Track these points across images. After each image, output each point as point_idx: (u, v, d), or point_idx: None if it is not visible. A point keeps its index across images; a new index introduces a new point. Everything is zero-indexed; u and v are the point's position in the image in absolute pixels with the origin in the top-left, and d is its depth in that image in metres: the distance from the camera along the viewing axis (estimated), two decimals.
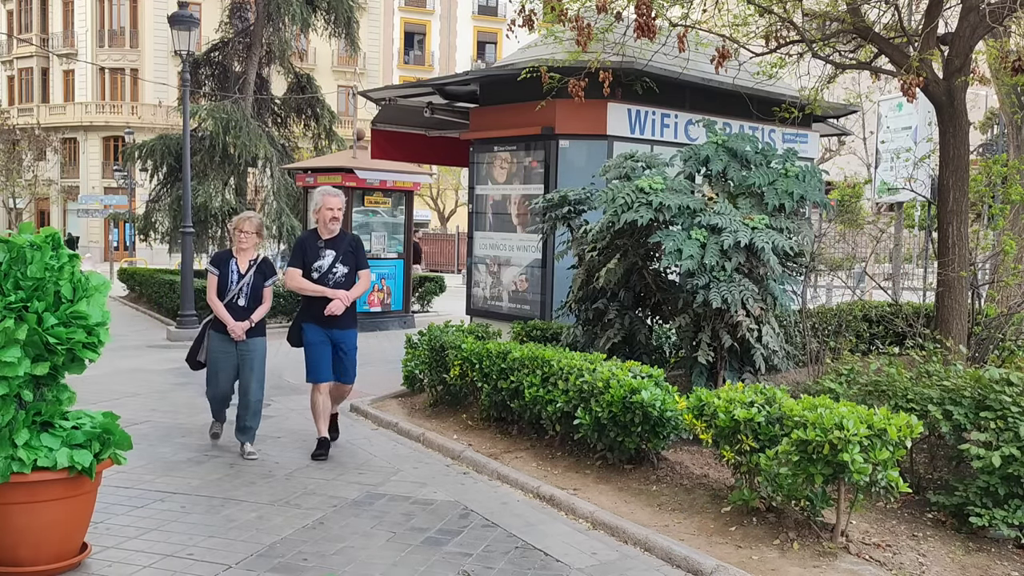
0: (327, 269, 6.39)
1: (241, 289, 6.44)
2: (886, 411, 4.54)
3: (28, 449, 4.03)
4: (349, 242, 6.50)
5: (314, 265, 6.37)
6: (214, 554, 4.47)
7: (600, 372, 5.76)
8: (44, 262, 4.15)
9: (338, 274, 6.39)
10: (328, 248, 6.41)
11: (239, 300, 6.43)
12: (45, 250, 4.15)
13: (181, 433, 7.14)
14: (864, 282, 10.76)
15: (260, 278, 6.52)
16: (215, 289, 6.44)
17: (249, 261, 6.54)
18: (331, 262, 6.39)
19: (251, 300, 6.46)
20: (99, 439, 4.26)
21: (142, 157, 17.90)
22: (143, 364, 10.71)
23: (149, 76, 40.08)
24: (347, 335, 6.49)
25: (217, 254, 6.65)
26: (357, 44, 19.09)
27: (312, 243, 6.44)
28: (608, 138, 9.02)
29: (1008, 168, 8.43)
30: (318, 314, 6.36)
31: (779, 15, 7.96)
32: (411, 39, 49.59)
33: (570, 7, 7.72)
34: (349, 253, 6.44)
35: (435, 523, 5.01)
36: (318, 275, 6.36)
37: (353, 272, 6.47)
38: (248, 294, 6.45)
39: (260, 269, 6.53)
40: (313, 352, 6.40)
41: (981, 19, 6.96)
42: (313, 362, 6.41)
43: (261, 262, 6.57)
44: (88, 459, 4.10)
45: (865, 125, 21.37)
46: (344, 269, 6.41)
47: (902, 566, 4.42)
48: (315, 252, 6.41)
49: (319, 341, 6.40)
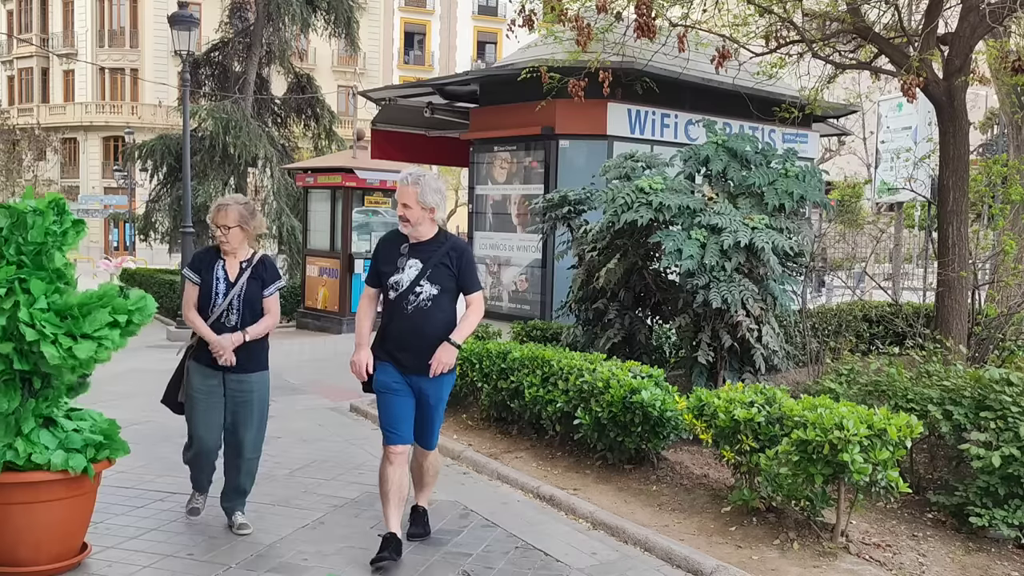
0: (406, 288, 4.37)
1: (231, 303, 4.65)
2: (886, 411, 4.54)
3: (26, 441, 4.01)
4: (448, 250, 4.42)
5: (391, 280, 4.41)
6: (214, 554, 4.47)
7: (600, 372, 5.76)
8: (45, 227, 4.02)
9: (422, 296, 4.36)
10: (413, 256, 4.43)
11: (229, 318, 4.66)
12: (47, 215, 4.04)
13: (181, 433, 7.09)
14: (864, 282, 10.76)
15: (256, 286, 4.72)
16: (194, 302, 4.70)
17: (240, 264, 4.73)
18: (414, 277, 4.38)
19: (245, 317, 4.67)
20: (97, 445, 4.23)
21: (142, 157, 17.91)
22: (143, 364, 10.70)
23: (149, 76, 40.10)
24: (436, 385, 4.44)
25: (196, 254, 4.83)
26: (357, 44, 19.09)
27: (391, 247, 4.50)
28: (608, 138, 9.04)
29: (1008, 168, 8.43)
30: (394, 347, 4.43)
31: (779, 15, 7.96)
32: (411, 39, 49.60)
33: (570, 7, 7.73)
34: (443, 267, 4.40)
35: (435, 523, 5.01)
36: (395, 294, 4.39)
37: (448, 295, 4.43)
38: (241, 309, 4.66)
39: (256, 274, 4.72)
40: (385, 401, 4.46)
41: (981, 19, 6.96)
42: (384, 414, 4.48)
43: (257, 264, 4.75)
44: (82, 464, 4.09)
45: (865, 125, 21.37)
46: (432, 290, 4.36)
47: (902, 566, 4.42)
48: (392, 261, 4.45)
49: (395, 387, 4.43)
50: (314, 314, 14.32)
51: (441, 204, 4.37)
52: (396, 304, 4.38)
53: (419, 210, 4.35)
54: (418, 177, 4.37)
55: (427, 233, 4.43)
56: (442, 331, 4.36)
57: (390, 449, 4.42)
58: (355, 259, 13.73)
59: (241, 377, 4.74)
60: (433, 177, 4.43)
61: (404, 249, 4.43)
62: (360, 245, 13.94)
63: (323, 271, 14.26)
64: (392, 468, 4.41)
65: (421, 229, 4.41)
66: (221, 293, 4.67)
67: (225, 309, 4.66)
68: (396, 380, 4.43)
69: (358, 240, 13.94)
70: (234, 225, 4.66)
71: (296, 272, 16.59)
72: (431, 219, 4.41)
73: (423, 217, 4.37)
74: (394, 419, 4.43)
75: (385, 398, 4.45)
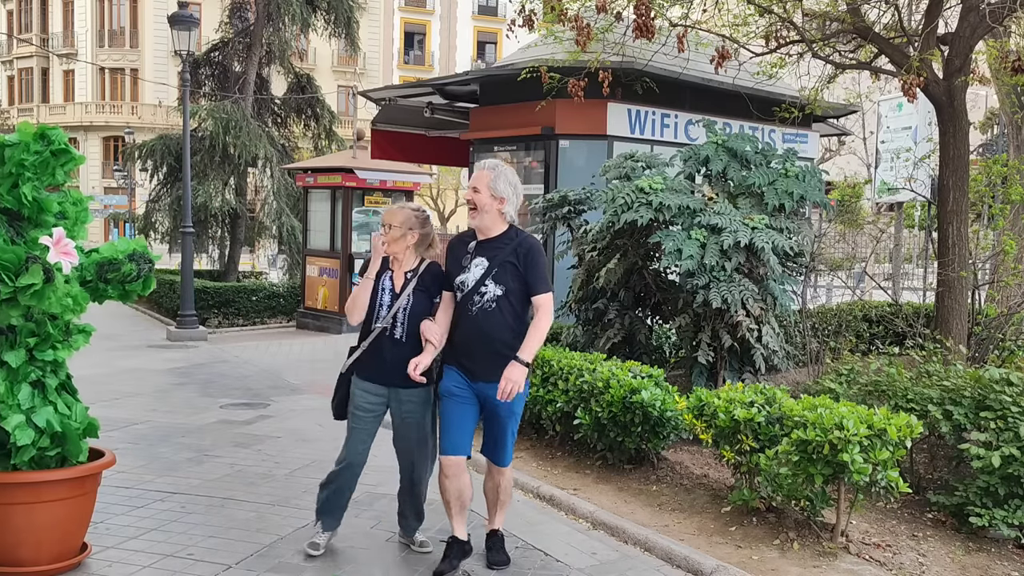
0: (471, 288, 4.08)
1: (396, 316, 4.21)
2: (886, 411, 4.54)
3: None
4: (515, 247, 4.08)
5: (457, 280, 4.14)
6: (214, 554, 4.47)
7: (600, 372, 5.76)
8: (19, 158, 3.88)
9: (487, 296, 4.06)
10: (479, 255, 4.14)
11: (394, 332, 4.21)
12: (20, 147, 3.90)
13: (181, 433, 7.13)
14: (864, 282, 10.76)
15: (424, 299, 4.25)
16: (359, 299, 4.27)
17: (405, 274, 4.30)
18: (479, 277, 4.08)
19: (411, 332, 4.21)
20: (52, 437, 4.06)
21: (142, 157, 17.90)
22: (143, 364, 10.71)
23: (149, 76, 40.10)
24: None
25: (366, 262, 4.41)
26: (357, 44, 19.08)
27: (460, 245, 4.24)
28: (608, 138, 9.04)
29: (1008, 168, 8.43)
30: (460, 352, 4.15)
31: (779, 15, 7.96)
32: (411, 39, 49.60)
33: (570, 7, 7.74)
34: (509, 266, 4.07)
35: (435, 523, 5.01)
36: (460, 295, 4.13)
37: (516, 297, 4.09)
38: (406, 324, 4.21)
39: (422, 284, 4.26)
40: (442, 407, 4.22)
41: (981, 19, 6.96)
42: (440, 422, 4.25)
43: (423, 273, 4.29)
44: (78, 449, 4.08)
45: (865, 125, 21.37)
46: (497, 290, 4.06)
47: (902, 566, 4.42)
48: (459, 260, 4.18)
49: (456, 392, 4.15)
50: (314, 314, 14.33)
51: (513, 198, 4.09)
52: (461, 306, 4.12)
53: (488, 197, 4.08)
54: (496, 165, 4.15)
55: (495, 228, 4.13)
56: (508, 337, 4.04)
57: (442, 460, 4.16)
58: (355, 259, 13.73)
59: (411, 393, 4.25)
60: (511, 170, 4.18)
61: (471, 247, 4.15)
62: (360, 245, 13.95)
63: (323, 271, 14.26)
64: (448, 480, 4.15)
65: (487, 222, 4.10)
66: (385, 304, 4.25)
67: (390, 323, 4.22)
68: (459, 385, 4.15)
69: (358, 240, 13.94)
70: (398, 225, 4.26)
71: (296, 272, 16.59)
72: (500, 212, 4.11)
73: (491, 206, 4.08)
74: (448, 426, 4.15)
75: (443, 403, 4.20)
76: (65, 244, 3.95)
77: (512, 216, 4.13)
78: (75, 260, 4.01)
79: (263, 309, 15.10)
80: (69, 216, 4.12)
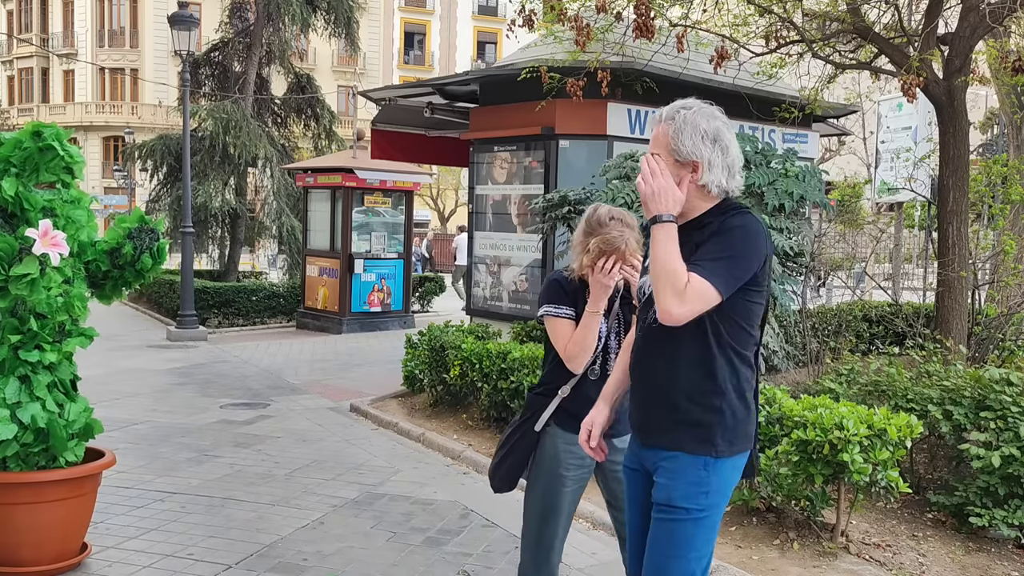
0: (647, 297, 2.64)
1: (607, 343, 3.23)
2: (886, 411, 4.54)
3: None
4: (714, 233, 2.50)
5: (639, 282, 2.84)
6: (214, 554, 4.47)
7: None
8: (5, 155, 3.90)
9: None
10: None
11: (606, 367, 3.22)
12: (10, 143, 3.93)
13: (181, 433, 7.13)
14: (864, 282, 10.76)
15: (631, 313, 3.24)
16: (568, 340, 3.17)
17: None
18: None
19: None
20: (37, 433, 4.04)
21: (142, 157, 17.90)
22: (143, 364, 10.71)
23: (149, 76, 40.10)
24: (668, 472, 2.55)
25: (555, 281, 3.30)
26: (357, 44, 19.08)
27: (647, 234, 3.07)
28: (608, 138, 9.03)
29: (1008, 168, 8.43)
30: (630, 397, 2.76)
31: (779, 15, 7.96)
32: (411, 39, 49.60)
33: (570, 7, 7.73)
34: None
35: (435, 523, 5.01)
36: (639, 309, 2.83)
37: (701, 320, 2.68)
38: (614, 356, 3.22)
39: (627, 303, 3.25)
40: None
41: (981, 19, 6.96)
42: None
43: (626, 292, 3.25)
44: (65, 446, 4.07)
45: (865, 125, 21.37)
46: None
47: (902, 566, 4.42)
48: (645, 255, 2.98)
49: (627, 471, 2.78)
50: (314, 314, 14.33)
51: (715, 156, 2.51)
52: (637, 325, 2.77)
53: (672, 163, 2.52)
54: (675, 113, 2.56)
55: (693, 208, 2.54)
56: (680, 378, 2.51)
57: None
58: (355, 259, 13.74)
59: (622, 440, 3.12)
60: (707, 111, 2.56)
61: None
62: (360, 245, 13.96)
63: (323, 271, 14.26)
64: None
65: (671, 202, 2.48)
66: (602, 331, 3.21)
67: (597, 355, 3.21)
68: (630, 459, 2.75)
69: (358, 240, 13.95)
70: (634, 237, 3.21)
71: (296, 272, 16.59)
72: (694, 182, 2.51)
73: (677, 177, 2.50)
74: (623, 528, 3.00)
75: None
76: (53, 236, 3.93)
77: (721, 183, 2.53)
78: (64, 251, 3.97)
79: (263, 309, 15.10)
80: (59, 213, 4.10)
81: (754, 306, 2.53)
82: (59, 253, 3.95)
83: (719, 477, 2.50)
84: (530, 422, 3.24)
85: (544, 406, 3.22)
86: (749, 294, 2.49)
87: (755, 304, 2.53)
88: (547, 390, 3.26)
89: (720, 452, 2.49)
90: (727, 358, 2.49)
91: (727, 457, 2.50)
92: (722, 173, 2.53)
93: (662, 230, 2.41)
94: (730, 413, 2.49)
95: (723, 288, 2.39)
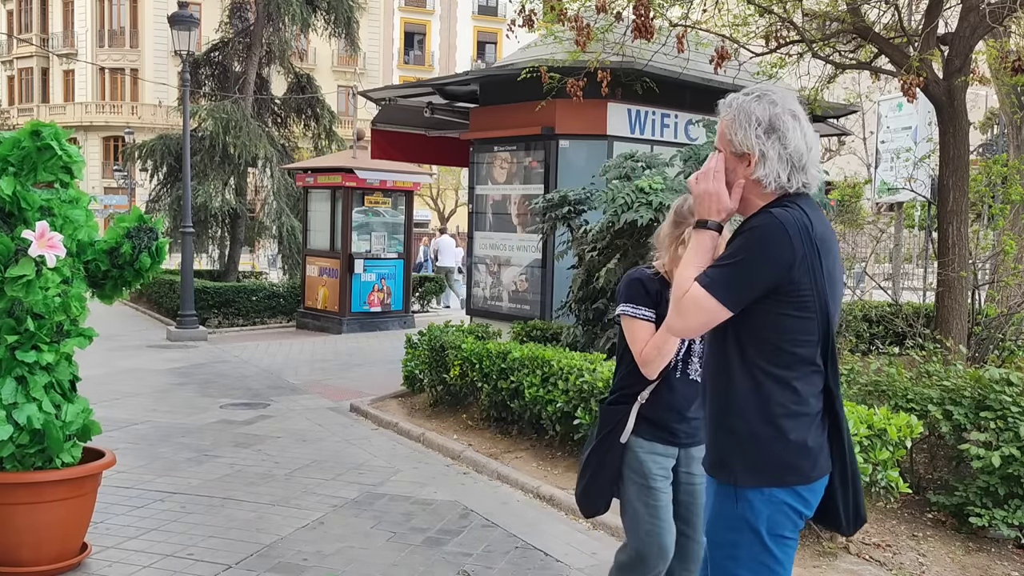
0: None
1: (691, 345, 3.05)
2: (886, 411, 4.54)
3: None
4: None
5: None
6: (214, 554, 4.47)
7: (600, 372, 5.76)
8: (3, 154, 3.90)
9: None
10: None
11: (687, 370, 3.06)
12: (9, 143, 3.94)
13: (181, 433, 7.13)
14: (864, 282, 10.75)
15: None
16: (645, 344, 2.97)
17: None
18: None
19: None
20: (33, 434, 4.03)
21: (142, 157, 17.90)
22: (143, 364, 10.71)
23: (149, 76, 40.10)
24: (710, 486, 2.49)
25: (637, 279, 3.08)
26: (357, 44, 19.08)
27: None
28: (608, 138, 9.03)
29: (1008, 168, 8.42)
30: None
31: (779, 15, 7.96)
32: (411, 39, 49.60)
33: (570, 7, 7.73)
34: None
35: (435, 523, 5.01)
36: None
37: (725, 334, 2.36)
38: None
39: None
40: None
41: (981, 19, 6.96)
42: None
43: None
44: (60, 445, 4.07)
45: (865, 125, 21.36)
46: None
47: (902, 566, 4.42)
48: None
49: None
50: (314, 314, 14.33)
51: (771, 148, 2.22)
52: None
53: (730, 156, 2.30)
54: (735, 98, 2.32)
55: (749, 206, 2.32)
56: (710, 395, 2.38)
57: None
58: (355, 259, 13.74)
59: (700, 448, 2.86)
60: (766, 99, 2.28)
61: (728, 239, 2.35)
62: (360, 245, 13.96)
63: (323, 271, 14.26)
64: None
65: (725, 200, 2.30)
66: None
67: (680, 357, 3.03)
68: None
69: (358, 240, 13.95)
70: None
71: (296, 272, 16.59)
72: (747, 177, 2.27)
73: (734, 172, 2.30)
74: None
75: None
76: (50, 237, 3.93)
77: (779, 178, 2.24)
78: (61, 252, 3.96)
79: (263, 309, 15.10)
80: (57, 213, 4.10)
81: (790, 320, 2.20)
82: (55, 255, 3.94)
83: (747, 510, 2.24)
84: (612, 435, 3.02)
85: (623, 416, 3.01)
86: (781, 306, 2.19)
87: (792, 318, 2.20)
88: (622, 396, 3.06)
89: (741, 481, 2.25)
90: (752, 378, 2.24)
91: (753, 488, 2.24)
92: (780, 166, 2.25)
93: (698, 236, 2.29)
94: (748, 438, 2.24)
95: (725, 299, 2.18)
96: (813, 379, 2.25)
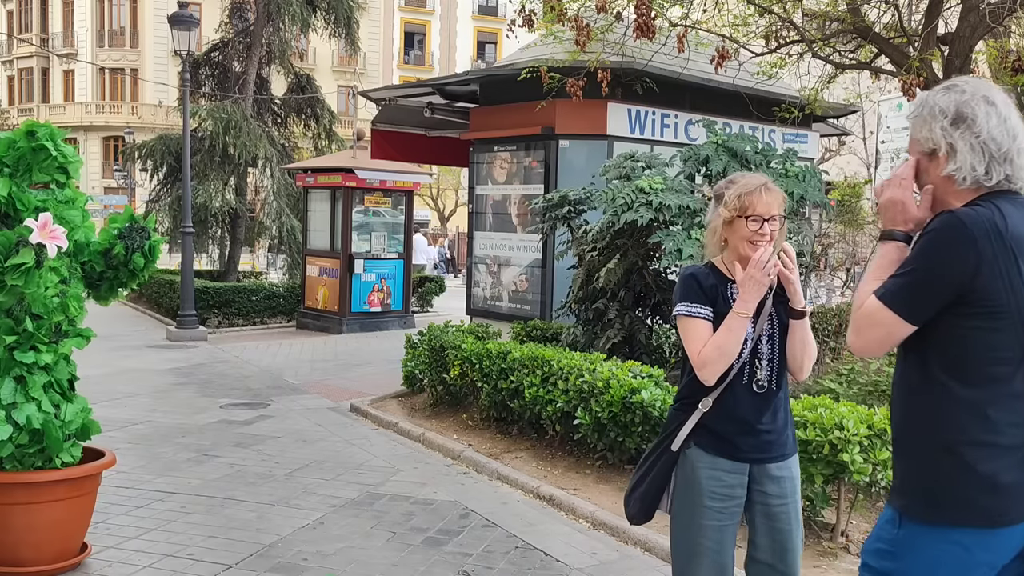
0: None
1: (757, 349, 2.74)
2: (886, 411, 4.54)
3: None
4: None
5: None
6: (214, 554, 4.47)
7: (600, 372, 5.76)
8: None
9: None
10: None
11: (757, 375, 2.73)
12: (4, 143, 3.94)
13: (181, 433, 7.14)
14: None
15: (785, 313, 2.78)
16: (704, 344, 2.68)
17: None
18: None
19: (780, 374, 2.78)
20: (32, 434, 4.01)
21: (142, 157, 17.90)
22: (143, 364, 10.71)
23: (149, 76, 40.10)
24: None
25: (691, 276, 2.82)
26: (357, 44, 19.08)
27: None
28: (608, 138, 9.03)
29: None
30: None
31: (779, 15, 7.96)
32: (411, 39, 49.62)
33: (570, 7, 7.73)
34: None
35: (435, 523, 5.01)
36: None
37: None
38: (777, 360, 2.76)
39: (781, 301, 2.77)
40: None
41: (981, 19, 6.96)
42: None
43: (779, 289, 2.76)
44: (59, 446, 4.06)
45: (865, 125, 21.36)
46: None
47: None
48: None
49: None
50: (314, 314, 14.33)
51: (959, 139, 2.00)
52: None
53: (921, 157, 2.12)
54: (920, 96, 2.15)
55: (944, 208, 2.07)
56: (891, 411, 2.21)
57: None
58: (355, 259, 13.74)
59: (782, 466, 2.75)
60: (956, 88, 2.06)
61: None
62: (360, 245, 13.96)
63: (323, 271, 14.26)
64: None
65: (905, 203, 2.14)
66: (748, 335, 2.70)
67: (746, 360, 2.72)
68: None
69: (358, 240, 13.95)
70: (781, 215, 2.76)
71: (296, 272, 16.59)
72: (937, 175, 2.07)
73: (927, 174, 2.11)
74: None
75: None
76: (53, 229, 3.92)
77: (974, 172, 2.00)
78: (63, 244, 3.95)
79: (263, 309, 15.10)
80: (53, 214, 4.08)
81: (979, 334, 1.93)
82: (57, 245, 3.93)
83: (914, 544, 1.97)
84: (668, 440, 2.78)
85: (682, 422, 2.75)
86: (967, 318, 1.93)
87: (981, 331, 1.93)
88: (685, 404, 2.78)
89: (911, 512, 1.98)
90: (932, 396, 1.98)
91: (927, 524, 1.95)
92: (973, 157, 1.98)
93: (881, 248, 2.11)
94: (920, 465, 1.99)
95: (901, 310, 1.96)
96: (1012, 405, 1.93)
